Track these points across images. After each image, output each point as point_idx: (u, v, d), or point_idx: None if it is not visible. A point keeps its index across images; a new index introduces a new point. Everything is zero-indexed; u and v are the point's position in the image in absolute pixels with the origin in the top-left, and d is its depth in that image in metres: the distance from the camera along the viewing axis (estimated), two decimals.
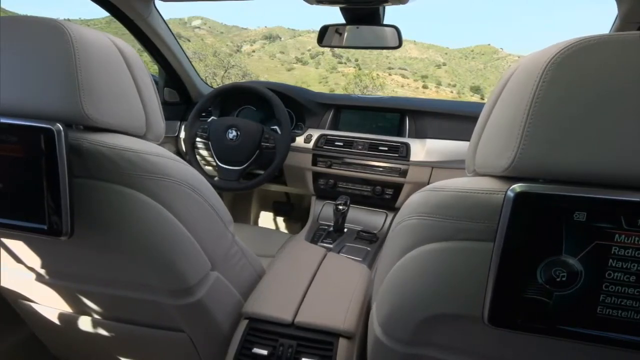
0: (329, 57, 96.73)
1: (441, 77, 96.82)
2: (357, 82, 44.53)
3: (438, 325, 0.56)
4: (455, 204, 0.49)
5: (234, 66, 39.82)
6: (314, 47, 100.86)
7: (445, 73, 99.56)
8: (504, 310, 0.44)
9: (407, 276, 0.56)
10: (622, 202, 0.39)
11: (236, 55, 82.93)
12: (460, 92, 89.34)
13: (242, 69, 41.62)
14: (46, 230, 0.58)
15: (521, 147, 0.43)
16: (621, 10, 0.91)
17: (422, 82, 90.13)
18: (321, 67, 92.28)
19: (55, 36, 0.56)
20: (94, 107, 0.58)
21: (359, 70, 73.29)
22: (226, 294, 0.80)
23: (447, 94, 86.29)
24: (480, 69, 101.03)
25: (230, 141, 1.42)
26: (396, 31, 1.19)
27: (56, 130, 0.54)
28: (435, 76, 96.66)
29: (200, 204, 0.70)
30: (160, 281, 0.69)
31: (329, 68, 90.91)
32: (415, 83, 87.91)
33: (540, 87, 0.41)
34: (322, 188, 1.56)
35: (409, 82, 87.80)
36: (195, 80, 1.71)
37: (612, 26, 1.05)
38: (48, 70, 0.56)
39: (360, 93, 31.51)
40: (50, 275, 0.77)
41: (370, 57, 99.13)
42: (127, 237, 0.63)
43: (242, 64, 47.88)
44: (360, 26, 1.23)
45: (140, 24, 1.29)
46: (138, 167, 0.61)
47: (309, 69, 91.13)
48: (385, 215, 1.49)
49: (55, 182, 0.56)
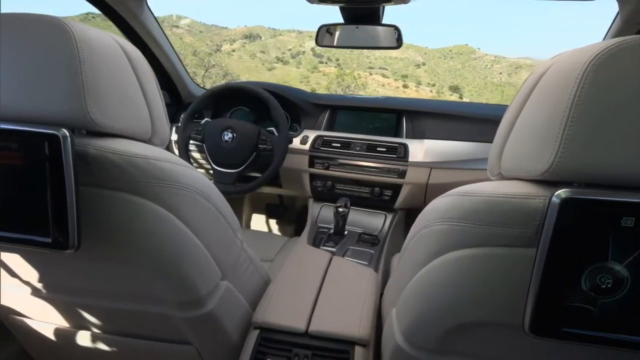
0: (309, 57, 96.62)
1: (421, 77, 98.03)
2: (339, 82, 44.62)
3: (466, 333, 0.55)
4: (490, 209, 0.48)
5: (215, 66, 39.28)
6: (295, 46, 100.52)
7: (424, 73, 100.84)
8: (547, 319, 0.43)
9: (434, 283, 0.55)
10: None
11: (216, 54, 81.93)
12: (439, 91, 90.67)
13: (223, 68, 41.11)
14: (50, 243, 0.54)
15: (561, 151, 0.42)
16: (623, 11, 0.92)
17: (403, 81, 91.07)
18: (302, 66, 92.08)
19: (57, 35, 0.52)
20: (100, 110, 0.55)
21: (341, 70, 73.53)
22: (236, 303, 0.78)
23: (427, 93, 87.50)
24: (458, 68, 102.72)
25: (226, 143, 1.39)
26: (396, 31, 1.18)
27: (62, 136, 0.51)
28: (415, 76, 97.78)
29: (211, 211, 0.67)
30: (170, 293, 0.65)
31: (310, 68, 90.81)
32: (396, 82, 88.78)
33: (580, 89, 0.40)
34: (319, 190, 1.54)
35: (390, 82, 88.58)
36: (187, 81, 1.66)
37: (610, 27, 1.06)
38: (50, 72, 0.52)
39: (343, 92, 31.69)
40: (48, 290, 0.72)
41: (350, 56, 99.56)
42: (136, 247, 0.60)
43: (223, 63, 47.27)
44: (360, 26, 1.21)
45: (133, 22, 1.24)
46: (148, 174, 0.58)
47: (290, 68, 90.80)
48: (384, 216, 1.48)
49: (61, 192, 0.52)
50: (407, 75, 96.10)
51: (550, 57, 0.52)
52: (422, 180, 1.41)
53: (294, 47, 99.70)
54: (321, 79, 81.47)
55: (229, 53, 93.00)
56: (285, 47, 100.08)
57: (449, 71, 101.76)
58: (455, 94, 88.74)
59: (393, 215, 1.48)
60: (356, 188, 1.50)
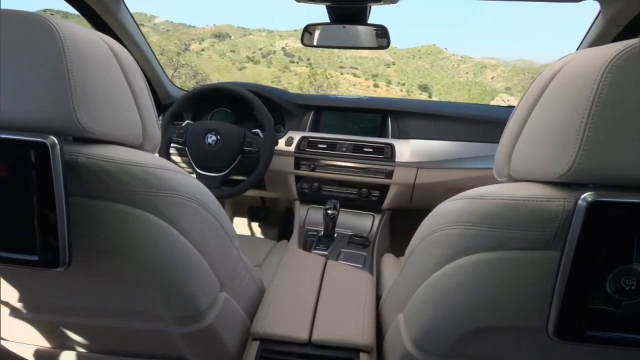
0: (280, 57, 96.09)
1: (391, 76, 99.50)
2: (311, 81, 44.60)
3: (480, 337, 0.54)
4: (507, 212, 0.47)
5: (184, 65, 38.36)
6: (265, 46, 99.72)
7: (394, 72, 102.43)
8: (572, 323, 0.43)
9: (448, 288, 0.54)
10: None
11: (185, 54, 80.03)
12: (409, 90, 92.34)
13: (193, 68, 40.21)
14: (38, 261, 0.49)
15: (580, 153, 0.41)
16: (606, 14, 0.95)
17: (373, 80, 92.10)
18: (273, 66, 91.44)
19: (40, 33, 0.47)
20: (89, 115, 0.50)
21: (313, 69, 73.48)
22: (234, 315, 0.74)
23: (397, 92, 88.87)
24: (427, 68, 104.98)
25: (210, 146, 1.34)
26: (384, 31, 1.17)
27: (50, 144, 0.46)
28: (385, 75, 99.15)
29: (208, 219, 0.63)
30: (168, 308, 0.61)
31: (281, 67, 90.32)
32: (367, 82, 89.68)
33: (600, 91, 0.40)
34: (306, 192, 1.52)
35: (361, 81, 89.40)
36: (165, 81, 1.60)
37: (589, 29, 1.09)
38: (33, 74, 0.47)
39: (315, 92, 31.68)
40: (29, 309, 0.66)
41: (321, 56, 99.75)
42: (132, 263, 0.56)
43: (193, 63, 46.23)
44: (347, 26, 1.20)
45: (109, 20, 1.17)
46: (143, 182, 0.54)
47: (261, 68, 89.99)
48: (372, 217, 1.47)
49: (50, 205, 0.48)
50: (377, 75, 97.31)
51: (559, 58, 0.52)
52: (409, 180, 1.41)
53: (264, 47, 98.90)
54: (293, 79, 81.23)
55: (198, 52, 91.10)
56: (256, 47, 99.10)
57: (417, 71, 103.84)
58: (425, 92, 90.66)
59: (381, 215, 1.47)
60: (343, 189, 1.49)
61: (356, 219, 1.48)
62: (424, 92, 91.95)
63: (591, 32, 1.06)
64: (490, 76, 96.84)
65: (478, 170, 1.39)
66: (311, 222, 1.46)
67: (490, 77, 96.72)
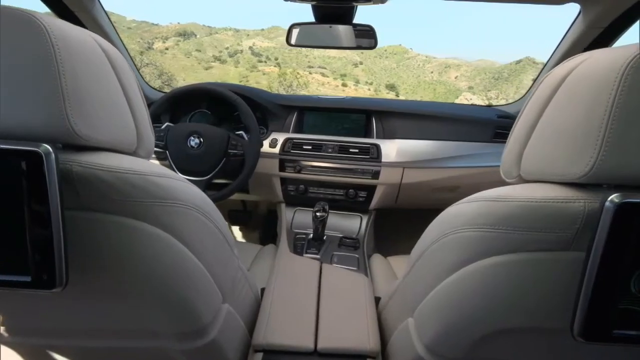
0: (248, 56, 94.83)
1: (359, 76, 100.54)
2: (281, 81, 44.37)
3: (497, 340, 0.54)
4: (527, 214, 0.47)
5: (148, 64, 37.17)
6: (232, 45, 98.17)
7: (362, 72, 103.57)
8: (598, 324, 0.43)
9: (465, 292, 0.53)
10: None
11: (148, 52, 77.42)
12: (377, 89, 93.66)
13: (158, 67, 38.97)
14: (31, 283, 0.45)
15: (601, 154, 0.42)
16: (587, 16, 0.98)
17: (342, 80, 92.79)
18: (241, 65, 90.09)
19: (28, 32, 0.43)
20: (82, 120, 0.46)
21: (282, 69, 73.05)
22: (235, 327, 0.71)
23: (365, 91, 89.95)
24: (393, 67, 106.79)
25: (192, 149, 1.29)
26: (372, 31, 1.16)
27: (44, 153, 0.42)
28: (353, 75, 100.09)
29: (210, 228, 0.60)
30: (170, 324, 0.58)
31: (249, 67, 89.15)
32: (335, 81, 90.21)
33: (620, 93, 0.40)
34: (292, 194, 1.49)
35: (329, 81, 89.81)
36: (141, 82, 1.52)
37: (568, 31, 1.13)
38: (20, 76, 0.43)
39: (285, 91, 31.51)
40: (15, 334, 0.61)
41: (289, 55, 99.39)
42: (131, 278, 0.52)
43: (157, 62, 44.81)
44: (334, 25, 1.18)
45: (83, 17, 1.10)
46: (145, 192, 0.50)
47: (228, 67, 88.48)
48: (359, 218, 1.47)
49: (43, 219, 0.43)
50: (345, 74, 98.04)
51: (567, 60, 0.53)
52: (395, 180, 1.42)
53: (231, 46, 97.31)
54: (261, 78, 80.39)
55: (162, 51, 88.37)
56: (222, 46, 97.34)
57: (384, 70, 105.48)
58: (392, 92, 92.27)
59: (368, 216, 1.47)
60: (330, 191, 1.47)
61: (344, 220, 1.47)
62: (391, 91, 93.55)
63: (571, 34, 1.09)
64: (454, 75, 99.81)
65: (461, 169, 1.42)
66: (299, 224, 1.44)
67: (454, 76, 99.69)
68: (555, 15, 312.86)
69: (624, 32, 0.99)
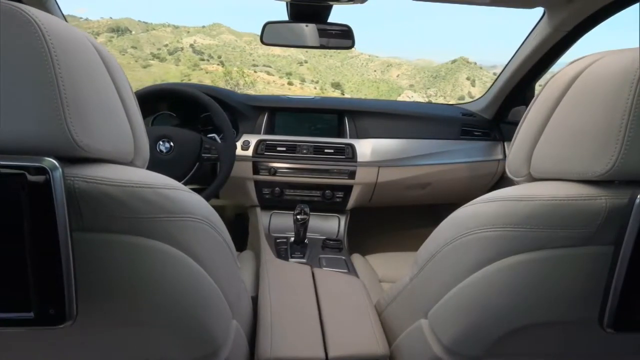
0: (189, 54, 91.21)
1: (304, 74, 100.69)
2: (227, 80, 43.20)
3: (519, 336, 0.56)
4: (551, 212, 0.49)
5: None
6: (172, 42, 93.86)
7: (307, 70, 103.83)
8: (629, 315, 0.46)
9: (487, 291, 0.54)
10: None
11: None
12: (322, 88, 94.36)
13: None
14: (34, 319, 0.39)
15: (622, 152, 0.44)
16: (552, 20, 1.05)
17: (287, 79, 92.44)
18: (182, 64, 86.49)
19: (19, 28, 0.37)
20: (83, 129, 0.41)
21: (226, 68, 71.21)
22: (241, 344, 0.67)
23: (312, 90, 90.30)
24: (338, 66, 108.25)
25: (163, 154, 1.21)
26: (349, 30, 1.15)
27: (49, 168, 0.36)
28: (299, 73, 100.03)
29: (218, 241, 0.56)
30: (184, 350, 0.53)
31: (191, 65, 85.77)
32: (281, 80, 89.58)
33: (639, 92, 0.43)
34: (267, 198, 1.45)
35: (275, 80, 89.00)
36: None
37: (531, 32, 1.20)
38: (10, 79, 0.37)
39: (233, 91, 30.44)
40: None
41: (233, 54, 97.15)
42: (144, 302, 0.47)
43: None
44: (310, 24, 1.16)
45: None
46: (156, 207, 0.45)
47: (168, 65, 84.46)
48: (337, 219, 1.47)
49: (49, 245, 0.38)
50: (291, 73, 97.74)
51: (572, 61, 0.55)
52: (371, 179, 1.43)
53: (170, 43, 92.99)
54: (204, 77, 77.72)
55: None
56: (161, 43, 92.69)
57: (329, 69, 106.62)
58: (337, 90, 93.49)
59: (346, 216, 1.47)
60: (307, 192, 1.45)
61: (322, 221, 1.45)
62: (336, 89, 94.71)
63: (535, 36, 1.16)
64: (396, 74, 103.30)
65: (432, 166, 1.47)
66: (277, 228, 1.40)
67: (396, 75, 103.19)
68: (485, 18, 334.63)
69: (586, 33, 1.07)
